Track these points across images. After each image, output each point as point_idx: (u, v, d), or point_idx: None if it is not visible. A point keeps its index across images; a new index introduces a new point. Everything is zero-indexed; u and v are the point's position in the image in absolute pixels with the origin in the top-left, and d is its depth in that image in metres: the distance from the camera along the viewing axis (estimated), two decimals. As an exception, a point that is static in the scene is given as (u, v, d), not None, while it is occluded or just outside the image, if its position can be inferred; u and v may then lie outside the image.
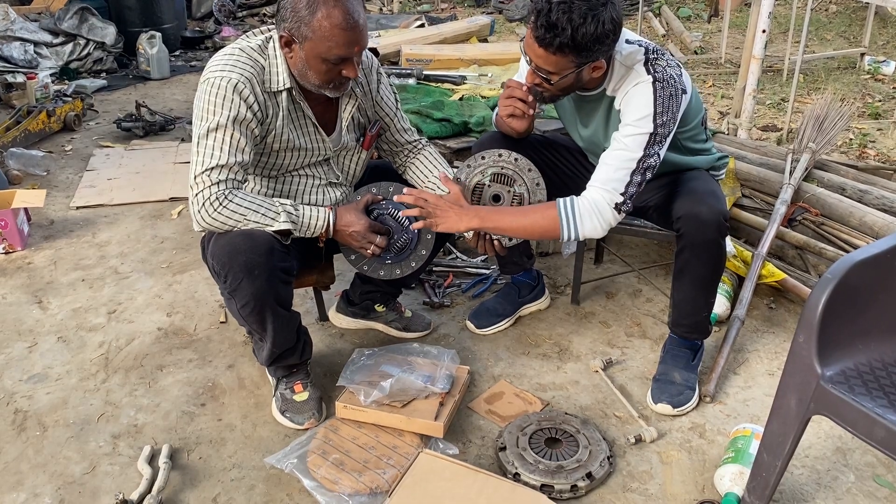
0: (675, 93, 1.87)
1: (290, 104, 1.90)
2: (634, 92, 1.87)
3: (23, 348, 2.35)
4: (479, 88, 3.66)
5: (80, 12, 5.54)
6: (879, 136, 4.18)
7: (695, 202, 1.97)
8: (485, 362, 2.28)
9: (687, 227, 1.97)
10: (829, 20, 6.87)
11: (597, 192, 1.89)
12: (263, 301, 1.83)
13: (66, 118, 4.32)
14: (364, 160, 2.12)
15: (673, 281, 2.12)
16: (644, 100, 1.86)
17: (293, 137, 1.92)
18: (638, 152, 1.87)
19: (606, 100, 1.98)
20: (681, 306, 2.13)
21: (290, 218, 1.83)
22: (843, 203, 2.75)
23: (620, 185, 1.88)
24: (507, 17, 7.36)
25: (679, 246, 2.03)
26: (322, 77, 1.81)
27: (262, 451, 1.91)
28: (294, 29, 1.76)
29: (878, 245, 1.52)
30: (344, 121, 2.01)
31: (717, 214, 1.95)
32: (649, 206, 2.23)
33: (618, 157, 1.89)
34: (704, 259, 2.01)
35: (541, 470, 1.79)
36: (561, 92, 1.93)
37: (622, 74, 1.91)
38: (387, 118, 2.12)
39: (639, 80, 1.87)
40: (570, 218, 1.89)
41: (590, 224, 1.89)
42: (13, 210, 2.92)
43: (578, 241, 1.91)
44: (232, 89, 1.77)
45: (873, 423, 1.36)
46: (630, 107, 1.88)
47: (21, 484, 1.82)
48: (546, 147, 2.29)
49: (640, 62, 1.89)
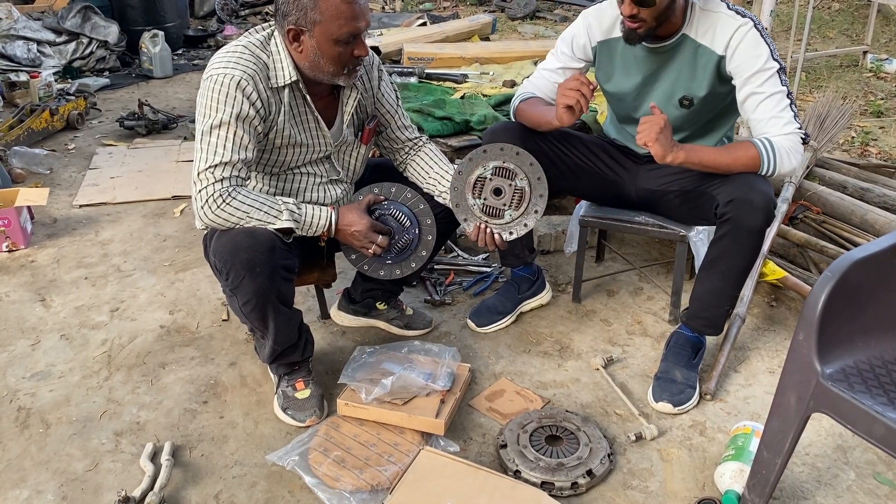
0: (767, 30, 2.01)
1: (292, 99, 1.90)
2: (744, 38, 1.98)
3: (26, 346, 2.36)
4: (480, 87, 3.66)
5: (83, 11, 5.56)
6: (881, 135, 4.18)
7: (748, 188, 1.96)
8: (486, 360, 2.28)
9: (737, 212, 1.96)
10: (831, 18, 6.86)
11: (782, 139, 1.96)
12: (265, 298, 1.83)
13: (69, 117, 4.33)
14: (363, 155, 2.12)
15: (700, 272, 2.13)
16: (756, 42, 1.97)
17: (295, 133, 1.93)
18: (780, 87, 1.97)
19: (689, 44, 2.04)
20: (704, 298, 2.12)
21: (292, 216, 1.84)
22: (844, 201, 2.75)
23: (791, 122, 1.97)
24: (509, 15, 7.36)
25: (720, 232, 2.02)
26: (336, 61, 1.82)
27: (264, 449, 1.92)
28: (301, 18, 1.77)
29: (879, 243, 1.52)
30: (346, 114, 2.01)
31: (769, 202, 1.96)
32: (671, 190, 2.22)
33: (769, 104, 1.97)
34: (745, 248, 2.01)
35: (541, 467, 1.80)
36: (656, 20, 1.98)
37: (710, 20, 2.01)
38: (387, 115, 2.13)
39: (739, 25, 1.98)
40: (770, 157, 1.97)
41: (788, 163, 1.98)
42: (16, 208, 2.93)
43: (773, 175, 2.03)
44: (235, 86, 1.78)
45: (873, 420, 1.36)
46: (747, 55, 1.98)
47: (24, 481, 1.83)
48: (560, 140, 2.30)
49: (725, 6, 2.01)
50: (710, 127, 2.20)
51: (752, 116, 2.00)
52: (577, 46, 2.23)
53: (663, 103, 2.13)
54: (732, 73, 2.01)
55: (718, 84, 2.06)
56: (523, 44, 4.71)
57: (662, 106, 2.12)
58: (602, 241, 2.85)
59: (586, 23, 2.20)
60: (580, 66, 2.26)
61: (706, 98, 2.09)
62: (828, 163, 3.14)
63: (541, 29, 6.83)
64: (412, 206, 2.04)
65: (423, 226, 2.04)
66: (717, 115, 2.17)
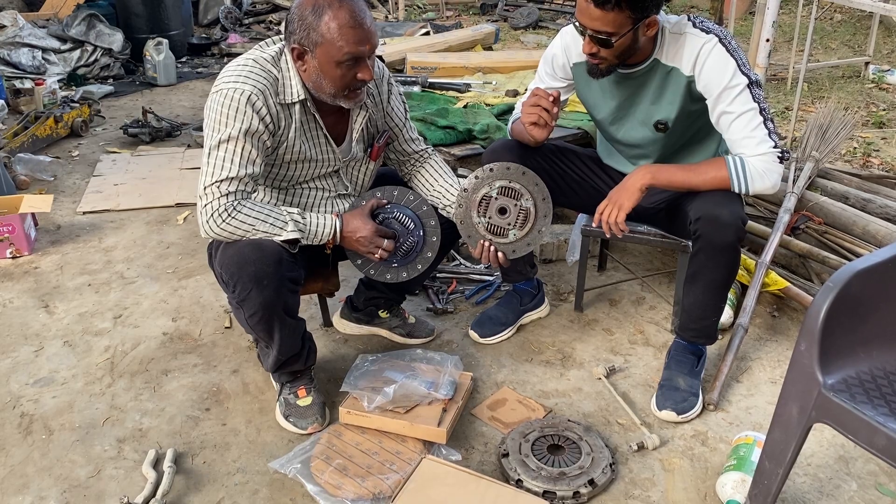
0: (736, 42, 1.96)
1: (303, 116, 1.90)
2: (708, 56, 1.93)
3: (29, 352, 2.36)
4: (483, 96, 3.67)
5: (88, 19, 5.59)
6: (883, 145, 4.19)
7: (715, 204, 1.97)
8: (488, 369, 2.29)
9: (705, 228, 1.97)
10: (833, 29, 6.88)
11: (756, 160, 1.94)
12: (272, 311, 1.83)
13: (73, 124, 4.34)
14: (372, 171, 2.13)
15: (684, 285, 2.13)
16: (721, 58, 1.92)
17: (305, 149, 1.93)
18: (751, 104, 1.93)
19: (661, 69, 2.02)
20: (690, 311, 2.14)
21: (297, 226, 1.84)
22: (846, 212, 2.75)
23: (765, 141, 1.93)
24: (512, 25, 7.38)
25: (695, 248, 2.04)
26: (337, 83, 1.81)
27: (266, 456, 1.92)
28: (304, 38, 1.77)
29: (881, 254, 1.53)
30: (355, 132, 2.01)
31: (736, 218, 1.96)
32: (660, 208, 2.24)
33: (741, 123, 1.94)
34: (720, 263, 2.02)
35: (543, 476, 1.80)
36: (617, 59, 1.96)
37: (678, 42, 1.97)
38: (396, 128, 2.13)
39: (703, 42, 1.94)
40: (740, 176, 1.95)
41: (761, 183, 1.96)
42: (20, 215, 2.93)
43: (747, 194, 2.02)
44: (245, 101, 1.77)
45: (875, 431, 1.36)
46: (714, 72, 1.93)
47: (27, 487, 1.83)
48: (557, 155, 2.31)
49: (690, 25, 1.97)
50: (692, 149, 2.18)
51: (727, 136, 1.99)
52: (557, 66, 2.21)
53: (639, 127, 2.12)
54: (702, 91, 1.98)
55: (690, 103, 2.03)
56: (526, 53, 4.73)
57: (639, 130, 2.12)
58: (604, 251, 2.86)
59: (563, 43, 2.17)
60: (562, 85, 2.24)
61: (679, 119, 2.06)
62: (830, 173, 3.15)
63: (543, 39, 6.85)
64: (415, 209, 2.04)
65: (427, 227, 2.04)
66: (697, 136, 2.15)
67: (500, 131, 3.05)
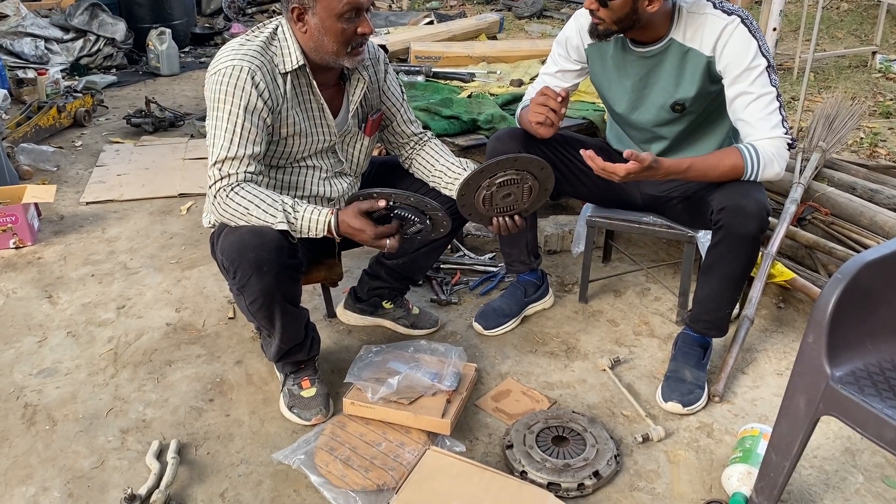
0: (757, 24, 1.95)
1: (299, 86, 1.90)
2: (731, 36, 1.93)
3: (32, 343, 2.36)
4: (487, 86, 3.65)
5: (91, 8, 5.57)
6: (891, 136, 4.16)
7: (740, 194, 1.95)
8: (492, 360, 2.28)
9: (729, 219, 1.95)
10: (840, 18, 6.84)
11: (768, 144, 1.94)
12: (272, 298, 1.83)
13: (76, 114, 4.34)
14: (368, 148, 2.11)
15: (700, 275, 2.12)
16: (743, 39, 1.92)
17: (299, 120, 1.92)
18: (769, 88, 1.94)
19: (677, 48, 2.01)
20: (704, 302, 2.12)
21: (287, 218, 1.79)
22: (853, 202, 2.73)
23: (779, 126, 1.94)
24: (517, 14, 7.35)
25: (715, 239, 2.02)
26: (339, 39, 1.81)
27: (270, 447, 1.92)
28: None
29: (889, 245, 1.51)
30: (352, 104, 2.00)
31: (762, 208, 1.94)
32: (673, 196, 2.22)
33: (759, 105, 1.94)
34: (740, 254, 2.01)
35: (548, 468, 1.79)
36: (616, 24, 1.95)
37: (697, 22, 1.97)
38: (392, 108, 2.12)
39: (726, 23, 1.94)
40: (754, 163, 1.95)
41: (772, 169, 1.96)
42: (24, 205, 2.93)
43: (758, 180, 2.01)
44: (246, 75, 1.78)
45: (883, 424, 1.35)
46: (736, 51, 1.93)
47: (30, 477, 1.83)
48: (563, 144, 2.30)
49: (711, 6, 1.97)
50: (705, 130, 2.17)
51: (741, 117, 1.98)
52: (571, 48, 2.21)
53: (656, 108, 2.11)
54: (722, 72, 1.98)
55: (709, 84, 2.03)
56: (530, 43, 4.71)
57: (654, 111, 2.11)
58: (609, 242, 2.84)
59: (578, 24, 2.18)
60: (576, 67, 2.24)
61: (696, 100, 2.06)
62: (836, 164, 3.13)
63: (548, 28, 6.82)
64: (416, 204, 1.98)
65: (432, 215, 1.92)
66: (712, 118, 2.14)
67: (505, 121, 3.04)
